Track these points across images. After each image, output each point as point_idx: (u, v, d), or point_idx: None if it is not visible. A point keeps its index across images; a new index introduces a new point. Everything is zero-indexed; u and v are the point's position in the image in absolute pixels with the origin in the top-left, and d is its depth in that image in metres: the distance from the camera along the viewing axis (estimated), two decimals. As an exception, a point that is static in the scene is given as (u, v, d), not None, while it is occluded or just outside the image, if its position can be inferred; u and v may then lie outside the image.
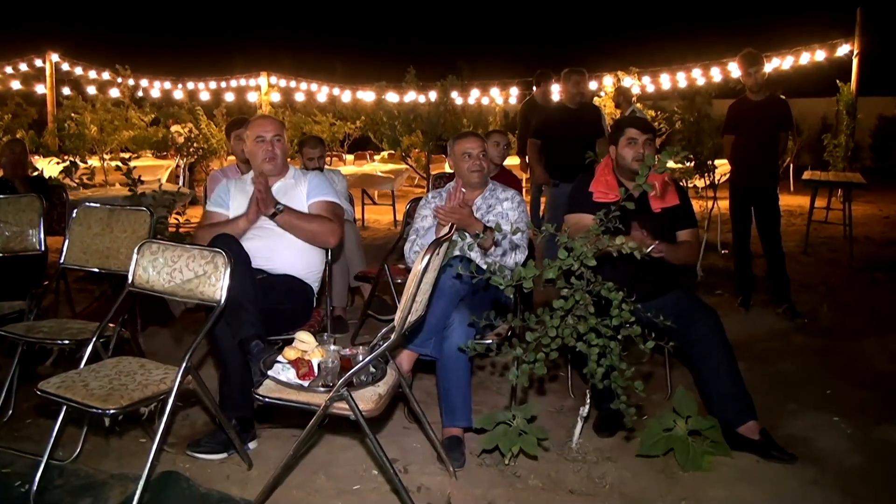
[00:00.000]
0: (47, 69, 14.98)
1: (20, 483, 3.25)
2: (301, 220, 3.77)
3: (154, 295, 3.30)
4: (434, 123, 10.67)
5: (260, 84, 17.27)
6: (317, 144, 5.90)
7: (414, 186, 16.84)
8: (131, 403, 2.75)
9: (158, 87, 16.83)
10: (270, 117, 4.18)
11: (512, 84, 16.74)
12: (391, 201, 11.97)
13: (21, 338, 3.59)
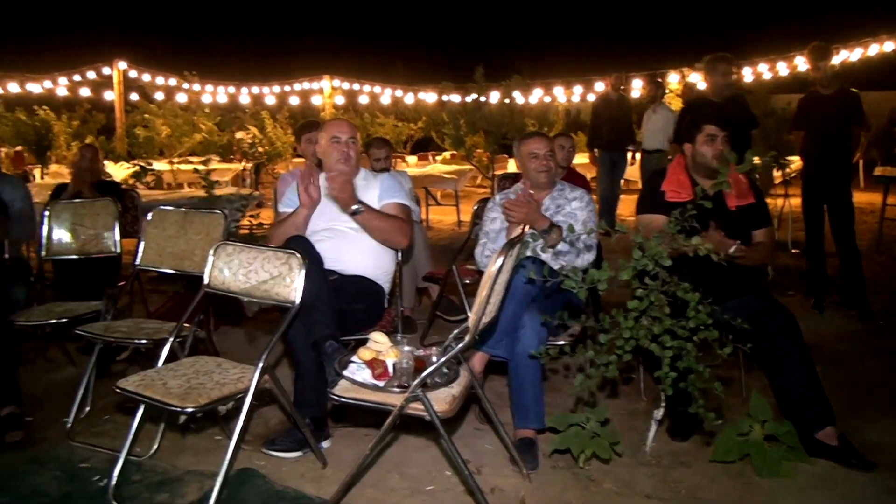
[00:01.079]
0: (115, 77, 15.36)
1: (98, 477, 3.34)
2: (379, 220, 3.79)
3: (228, 295, 3.36)
4: (498, 123, 10.64)
5: (323, 87, 17.44)
6: (382, 145, 5.94)
7: (476, 186, 16.82)
8: (209, 402, 2.79)
9: (223, 91, 17.12)
10: (345, 120, 4.23)
11: (576, 82, 16.60)
12: (454, 201, 11.95)
13: (100, 337, 3.68)
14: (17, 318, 4.12)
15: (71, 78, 15.88)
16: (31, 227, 4.97)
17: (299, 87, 17.65)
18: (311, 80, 17.54)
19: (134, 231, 5.64)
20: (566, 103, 17.94)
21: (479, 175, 14.29)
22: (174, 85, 15.57)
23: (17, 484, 3.31)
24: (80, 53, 17.38)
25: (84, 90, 15.95)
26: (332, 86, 17.44)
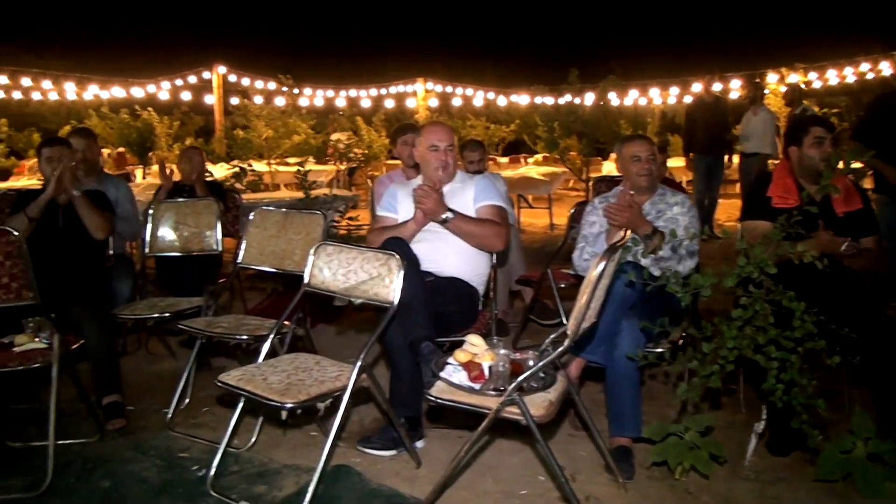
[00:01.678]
0: (214, 80, 15.79)
1: (197, 467, 3.43)
2: (470, 225, 3.78)
3: (324, 294, 3.40)
4: (593, 126, 10.52)
5: (417, 90, 17.58)
6: (476, 147, 5.94)
7: (569, 189, 16.69)
8: (308, 398, 2.83)
9: (321, 95, 17.42)
10: (444, 125, 4.23)
11: (672, 83, 16.30)
12: (547, 204, 11.87)
13: (202, 332, 3.78)
14: (121, 312, 4.27)
15: (173, 82, 16.42)
16: (134, 225, 5.15)
17: (394, 90, 17.86)
18: (405, 83, 17.72)
19: (234, 230, 5.79)
20: (661, 105, 17.64)
21: (572, 178, 14.16)
22: (273, 89, 15.93)
23: (120, 469, 3.44)
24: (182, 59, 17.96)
25: (185, 94, 16.47)
26: (426, 88, 17.57)
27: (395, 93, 17.88)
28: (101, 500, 3.17)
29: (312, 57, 28.33)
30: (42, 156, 4.36)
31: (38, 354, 3.47)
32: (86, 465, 3.50)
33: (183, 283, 4.75)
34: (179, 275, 4.88)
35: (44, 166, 4.34)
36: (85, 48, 24.43)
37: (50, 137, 5.18)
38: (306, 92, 17.09)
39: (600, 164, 14.97)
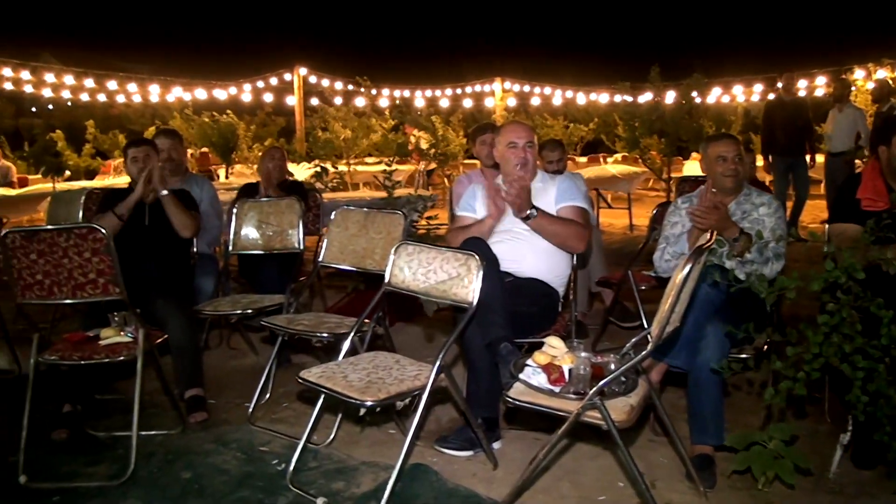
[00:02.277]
0: (295, 82, 16.05)
1: (277, 461, 3.48)
2: (554, 224, 3.74)
3: (406, 294, 3.41)
4: (675, 124, 10.33)
5: (494, 90, 17.55)
6: (556, 147, 5.88)
7: (648, 189, 16.45)
8: (388, 397, 2.84)
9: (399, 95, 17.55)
10: (523, 123, 4.21)
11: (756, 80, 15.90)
12: (626, 205, 11.71)
13: (283, 329, 3.82)
14: (205, 308, 4.37)
15: (255, 84, 16.75)
16: (218, 224, 5.26)
17: (471, 89, 17.87)
18: (483, 82, 17.72)
19: (315, 229, 5.86)
20: (744, 102, 17.23)
21: (652, 178, 13.95)
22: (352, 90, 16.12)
23: (201, 461, 3.51)
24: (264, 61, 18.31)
25: (267, 95, 16.79)
26: (504, 88, 17.52)
27: (472, 92, 17.89)
28: (182, 491, 3.24)
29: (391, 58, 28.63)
30: (128, 156, 4.47)
31: (124, 348, 3.57)
32: (168, 456, 3.59)
33: (265, 280, 4.84)
34: (261, 272, 4.96)
35: (130, 166, 4.45)
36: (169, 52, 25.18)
37: (136, 138, 5.31)
38: (385, 92, 17.24)
39: (681, 163, 14.71)
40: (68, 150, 12.40)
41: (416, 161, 13.66)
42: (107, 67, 16.76)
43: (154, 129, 14.23)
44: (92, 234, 3.29)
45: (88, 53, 33.73)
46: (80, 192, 6.07)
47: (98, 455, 3.66)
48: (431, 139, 13.16)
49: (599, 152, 18.83)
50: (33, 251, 3.35)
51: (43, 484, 3.36)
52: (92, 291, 3.40)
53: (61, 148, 12.16)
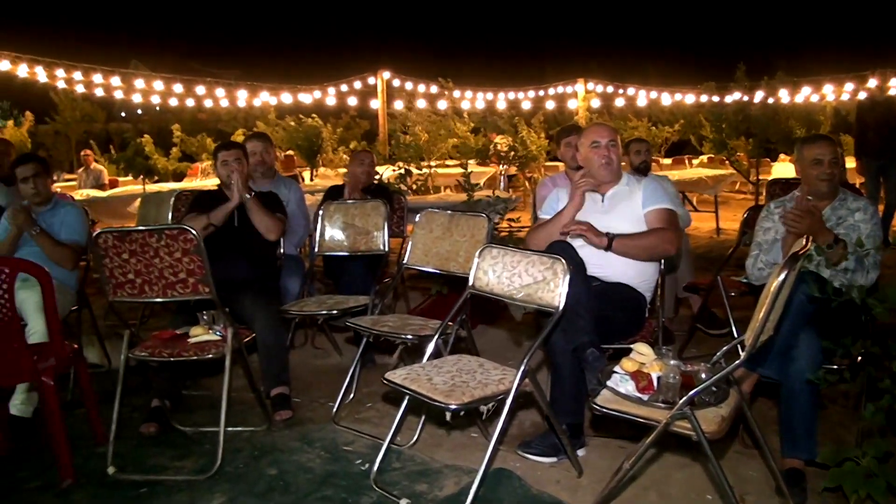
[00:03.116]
0: (379, 85, 16.19)
1: (360, 461, 3.51)
2: (636, 240, 3.66)
3: (490, 297, 3.38)
4: (763, 125, 10.06)
5: (577, 91, 17.40)
6: (642, 141, 5.80)
7: (735, 192, 16.08)
8: (472, 401, 2.82)
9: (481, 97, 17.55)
10: (605, 124, 4.15)
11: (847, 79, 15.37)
12: (713, 208, 11.44)
13: (368, 330, 3.84)
14: (291, 308, 4.42)
15: (339, 88, 16.96)
16: (304, 225, 5.32)
17: (553, 91, 17.75)
18: (565, 84, 17.58)
19: (399, 231, 5.88)
20: (834, 101, 16.67)
21: (738, 180, 13.62)
22: (435, 92, 16.18)
23: (286, 458, 3.56)
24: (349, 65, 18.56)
25: (352, 99, 16.99)
26: (587, 89, 17.35)
27: (555, 94, 17.77)
28: (268, 487, 3.29)
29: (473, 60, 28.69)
30: (218, 159, 4.55)
31: (212, 346, 3.63)
32: (253, 452, 3.65)
33: (349, 281, 4.88)
34: (346, 273, 5.01)
35: (220, 169, 4.53)
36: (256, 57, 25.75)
37: (226, 142, 5.40)
38: (467, 95, 17.25)
39: (769, 165, 14.31)
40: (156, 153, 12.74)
41: (496, 164, 13.62)
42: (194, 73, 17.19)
43: (241, 132, 14.53)
44: (183, 234, 3.36)
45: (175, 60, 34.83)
46: (170, 193, 6.24)
47: (185, 449, 3.74)
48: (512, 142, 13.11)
49: (684, 154, 18.49)
50: (125, 251, 3.43)
51: (131, 475, 3.47)
52: (182, 290, 3.48)
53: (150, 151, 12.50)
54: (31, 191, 4.44)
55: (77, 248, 4.44)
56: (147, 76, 15.27)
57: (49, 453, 3.51)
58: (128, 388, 3.69)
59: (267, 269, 4.57)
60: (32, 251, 4.27)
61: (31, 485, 3.44)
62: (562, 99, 17.65)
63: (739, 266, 4.01)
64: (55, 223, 4.46)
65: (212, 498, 3.22)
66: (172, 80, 15.43)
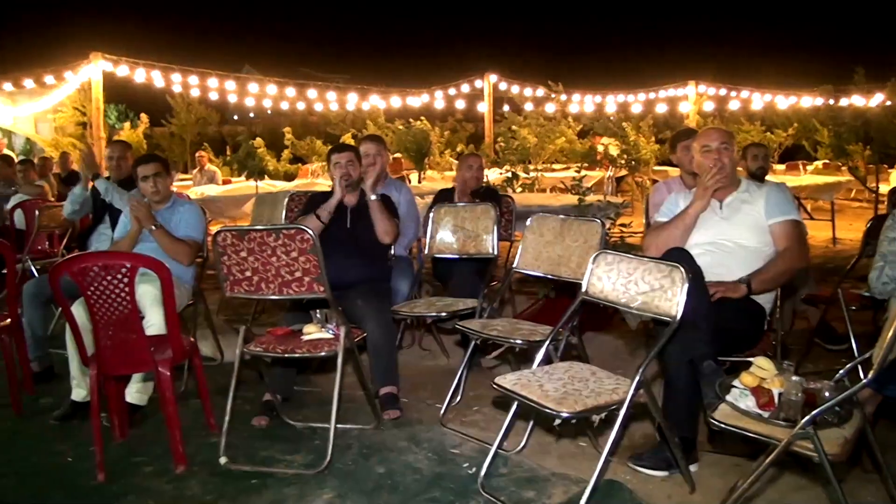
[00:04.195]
0: (486, 89, 16.21)
1: (468, 465, 3.50)
2: (770, 274, 3.53)
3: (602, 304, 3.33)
4: (883, 130, 9.62)
5: (688, 93, 17.04)
6: (760, 146, 5.65)
7: (851, 199, 15.44)
8: (585, 410, 2.78)
9: (590, 100, 17.38)
10: (718, 127, 4.03)
11: None
12: (829, 216, 10.99)
13: (477, 334, 3.85)
14: (401, 309, 4.46)
15: (446, 91, 17.06)
16: (414, 227, 5.36)
17: (664, 93, 17.42)
18: (675, 86, 17.24)
19: (507, 234, 5.86)
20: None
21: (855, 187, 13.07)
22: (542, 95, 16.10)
23: (394, 458, 3.60)
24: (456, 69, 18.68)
25: (459, 102, 17.09)
26: (698, 92, 16.97)
27: (665, 97, 17.43)
28: (376, 485, 3.32)
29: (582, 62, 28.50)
30: (331, 161, 4.62)
31: (325, 344, 3.68)
32: (362, 450, 3.70)
33: (458, 284, 4.89)
34: (455, 276, 5.02)
35: (333, 171, 4.59)
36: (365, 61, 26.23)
37: (340, 144, 5.48)
38: (575, 98, 17.11)
39: (887, 172, 13.66)
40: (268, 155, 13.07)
41: (605, 167, 13.43)
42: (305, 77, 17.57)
43: (350, 135, 14.75)
44: (300, 234, 3.43)
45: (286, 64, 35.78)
46: (284, 194, 6.38)
47: (295, 444, 3.82)
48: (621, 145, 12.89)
49: (797, 159, 17.88)
50: (243, 249, 3.53)
51: (242, 466, 3.56)
52: (297, 289, 3.55)
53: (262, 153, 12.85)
54: (151, 189, 4.60)
55: (194, 245, 4.58)
56: (260, 80, 15.68)
57: (163, 441, 3.66)
58: (240, 381, 3.78)
59: (379, 269, 4.62)
60: (150, 247, 4.43)
61: (146, 469, 3.59)
62: (672, 102, 17.29)
63: (860, 278, 3.83)
64: (173, 221, 4.61)
65: (321, 493, 3.28)
66: (285, 83, 15.81)
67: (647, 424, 3.83)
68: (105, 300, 3.47)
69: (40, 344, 4.89)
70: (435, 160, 14.42)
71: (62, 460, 3.73)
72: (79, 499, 3.35)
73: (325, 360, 3.72)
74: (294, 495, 3.27)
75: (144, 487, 3.41)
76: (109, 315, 3.50)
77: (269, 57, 40.34)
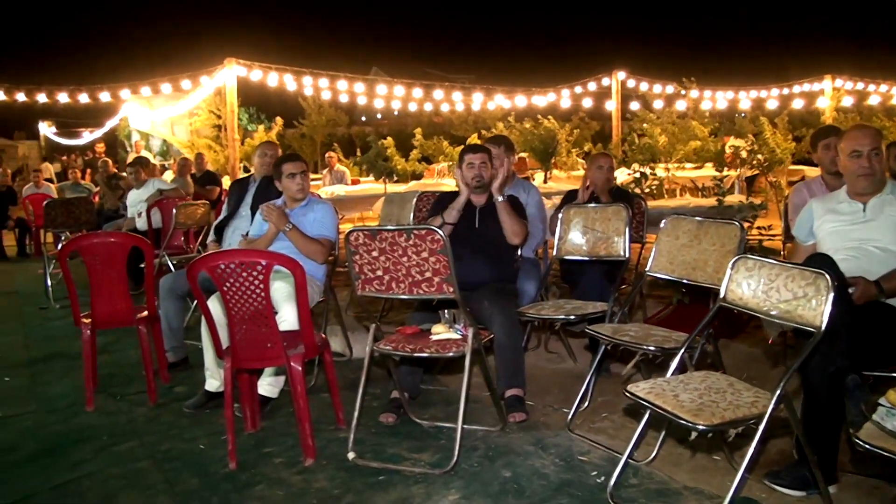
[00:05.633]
0: (613, 86, 15.95)
1: (596, 473, 3.43)
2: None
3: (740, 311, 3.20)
4: None
5: (825, 88, 16.32)
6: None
7: None
8: (723, 423, 2.68)
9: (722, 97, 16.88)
10: (868, 127, 3.80)
11: None
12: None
13: (609, 339, 3.77)
14: (528, 311, 4.41)
15: (573, 90, 16.88)
16: (542, 228, 5.30)
17: (798, 89, 16.75)
18: (811, 81, 16.56)
19: (638, 236, 5.72)
20: None
21: None
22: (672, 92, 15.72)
23: (520, 462, 3.57)
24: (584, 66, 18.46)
25: (586, 101, 16.87)
26: (835, 86, 16.24)
27: (800, 92, 16.74)
28: (501, 489, 3.30)
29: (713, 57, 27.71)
30: (464, 161, 4.61)
31: (453, 344, 3.69)
32: (488, 452, 3.69)
33: (587, 286, 4.81)
34: (584, 278, 4.93)
35: (465, 171, 4.58)
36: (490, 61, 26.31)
37: (473, 144, 5.47)
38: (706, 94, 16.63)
39: None
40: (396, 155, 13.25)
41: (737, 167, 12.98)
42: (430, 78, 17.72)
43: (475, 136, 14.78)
44: (430, 235, 3.44)
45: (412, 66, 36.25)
46: (412, 194, 6.45)
47: (422, 442, 3.86)
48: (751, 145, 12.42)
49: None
50: (375, 248, 3.57)
51: (370, 462, 3.62)
52: (427, 289, 3.56)
53: (391, 153, 13.04)
54: (296, 187, 4.72)
55: (328, 244, 4.68)
56: (389, 82, 15.93)
57: (293, 433, 3.74)
58: (368, 378, 3.83)
59: (506, 270, 4.60)
60: (285, 245, 4.56)
61: (276, 460, 3.70)
62: (809, 97, 16.58)
63: None
64: (308, 220, 4.72)
65: (447, 493, 3.28)
66: (412, 85, 16.00)
67: (783, 440, 3.66)
68: (240, 296, 3.59)
69: (176, 335, 5.12)
70: (562, 160, 14.26)
71: (195, 447, 3.91)
72: (211, 485, 3.48)
73: (452, 360, 3.71)
74: (421, 494, 3.29)
75: (274, 478, 3.51)
76: (244, 310, 3.61)
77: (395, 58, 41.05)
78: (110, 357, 5.70)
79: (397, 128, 26.54)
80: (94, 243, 4.62)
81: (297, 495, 3.33)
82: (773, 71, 19.88)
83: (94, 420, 4.39)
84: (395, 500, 3.24)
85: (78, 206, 9.03)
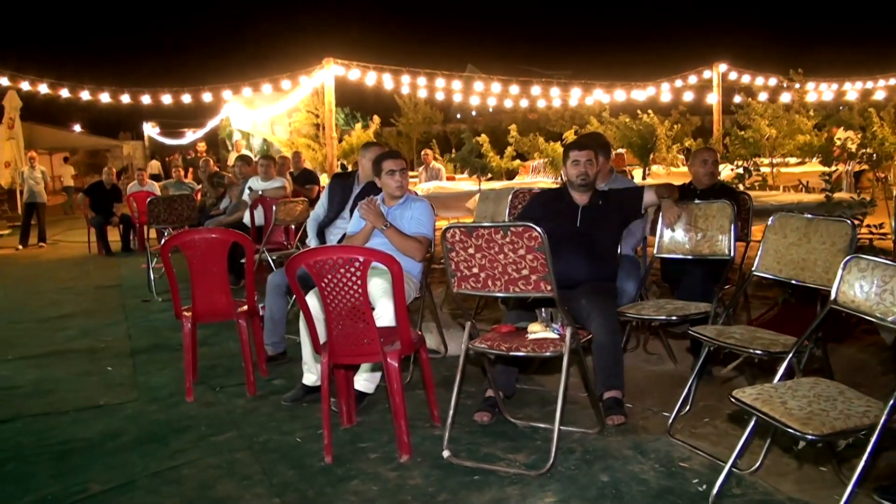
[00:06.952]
0: (714, 79, 15.54)
1: (697, 481, 3.32)
2: None
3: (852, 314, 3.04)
4: None
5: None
6: None
7: None
8: (833, 433, 2.56)
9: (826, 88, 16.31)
10: None
11: None
12: None
13: (712, 341, 3.65)
14: (627, 311, 4.31)
15: (672, 83, 16.53)
16: (642, 226, 5.19)
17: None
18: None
19: (743, 235, 5.51)
20: None
21: None
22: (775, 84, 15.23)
23: (619, 466, 3.49)
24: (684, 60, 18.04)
25: (687, 94, 16.49)
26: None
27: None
28: (599, 493, 3.23)
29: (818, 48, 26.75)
30: (569, 158, 4.53)
31: (550, 344, 3.64)
32: (585, 455, 3.62)
33: (688, 286, 4.68)
34: (685, 278, 4.81)
35: (570, 168, 4.50)
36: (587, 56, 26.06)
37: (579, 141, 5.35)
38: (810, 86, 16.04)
39: None
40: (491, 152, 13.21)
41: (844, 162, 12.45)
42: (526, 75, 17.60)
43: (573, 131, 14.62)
44: (528, 232, 3.39)
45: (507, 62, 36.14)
46: (507, 190, 6.40)
47: (517, 442, 3.81)
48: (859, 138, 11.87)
49: None
50: (471, 246, 3.55)
51: (464, 461, 3.60)
52: (524, 287, 3.52)
53: (486, 150, 13.01)
54: (395, 184, 4.75)
55: (425, 241, 4.68)
56: (485, 79, 15.91)
57: (389, 429, 3.76)
58: (463, 376, 3.81)
59: (606, 269, 4.50)
60: (382, 241, 4.59)
61: (371, 456, 3.72)
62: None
63: None
64: (405, 217, 4.73)
65: (543, 496, 3.24)
66: (509, 81, 15.94)
67: (893, 452, 3.46)
68: (338, 292, 3.62)
69: (278, 330, 5.21)
70: (661, 155, 13.96)
71: (292, 440, 3.97)
72: (307, 477, 3.52)
73: (548, 360, 3.65)
74: (516, 496, 3.25)
75: (369, 473, 3.53)
76: (342, 306, 3.64)
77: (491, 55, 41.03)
78: (210, 349, 5.86)
79: (492, 125, 26.48)
80: (196, 239, 4.76)
81: (392, 492, 3.34)
82: (879, 60, 18.98)
83: (193, 410, 4.52)
84: (490, 501, 3.21)
85: (180, 203, 9.30)
